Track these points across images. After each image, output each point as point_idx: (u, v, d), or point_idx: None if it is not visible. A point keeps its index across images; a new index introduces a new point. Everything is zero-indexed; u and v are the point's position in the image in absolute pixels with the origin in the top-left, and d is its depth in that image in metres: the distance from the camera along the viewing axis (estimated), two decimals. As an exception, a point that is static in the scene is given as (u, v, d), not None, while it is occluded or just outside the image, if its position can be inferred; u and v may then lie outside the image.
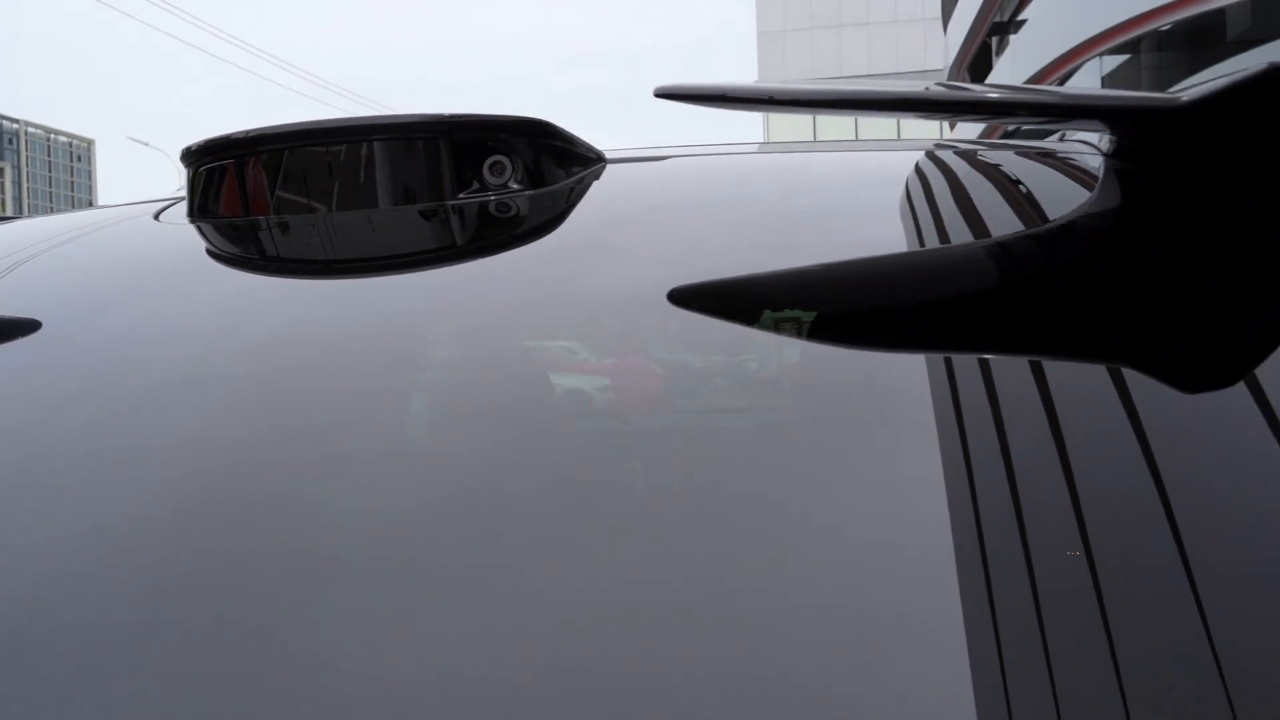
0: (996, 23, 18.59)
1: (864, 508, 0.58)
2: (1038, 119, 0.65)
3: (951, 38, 22.88)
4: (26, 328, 0.83)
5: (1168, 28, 10.03)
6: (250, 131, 0.88)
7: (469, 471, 0.67)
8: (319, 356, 0.78)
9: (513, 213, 0.86)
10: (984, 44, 20.28)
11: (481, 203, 0.85)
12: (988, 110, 0.69)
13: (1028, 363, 0.62)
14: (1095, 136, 0.87)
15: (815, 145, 1.17)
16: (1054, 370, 0.61)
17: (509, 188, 0.85)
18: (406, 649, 0.53)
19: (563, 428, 0.77)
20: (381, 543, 0.61)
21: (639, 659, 0.51)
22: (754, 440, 0.70)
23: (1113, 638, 0.46)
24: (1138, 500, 0.53)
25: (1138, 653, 0.46)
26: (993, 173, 0.94)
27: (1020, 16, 16.96)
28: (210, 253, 0.91)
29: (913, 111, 0.71)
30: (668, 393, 0.77)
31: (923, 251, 0.77)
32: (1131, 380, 0.59)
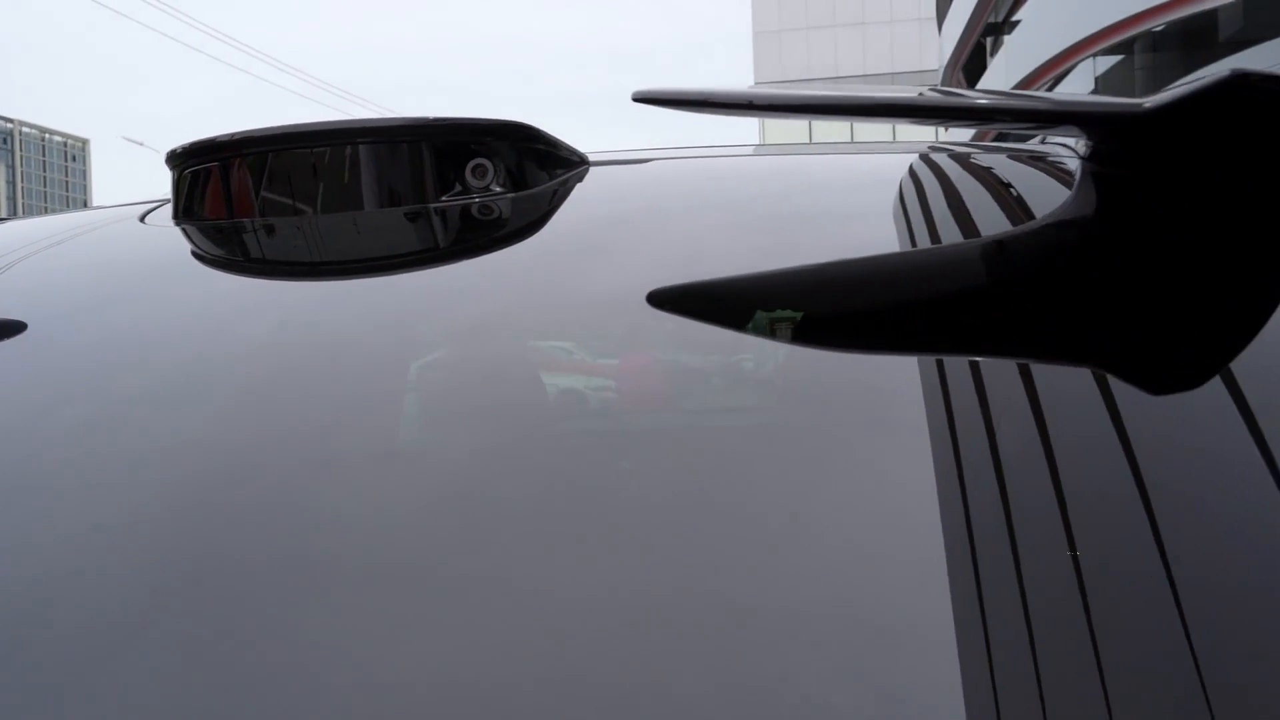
0: (991, 23, 18.60)
1: (853, 507, 0.59)
2: (1007, 124, 0.66)
3: (946, 38, 22.89)
4: (9, 330, 0.84)
5: (1161, 28, 10.05)
6: (235, 134, 0.88)
7: (451, 472, 0.67)
8: (303, 358, 0.79)
9: (495, 215, 0.87)
10: (979, 44, 20.29)
11: (464, 205, 0.85)
12: (960, 115, 0.70)
13: (1014, 364, 0.62)
14: (1073, 140, 0.88)
15: (798, 148, 1.17)
16: (1040, 372, 0.62)
17: (491, 190, 0.86)
18: (403, 650, 0.53)
19: (547, 429, 0.78)
20: (365, 545, 0.61)
21: (632, 659, 0.52)
22: (737, 441, 0.71)
23: (1108, 639, 0.47)
24: (1121, 500, 0.53)
25: (1129, 654, 0.46)
26: (982, 175, 0.95)
27: (1014, 17, 16.98)
28: (195, 255, 0.91)
29: (887, 116, 0.72)
30: (652, 394, 0.77)
31: (907, 253, 0.78)
32: (1102, 379, 0.60)
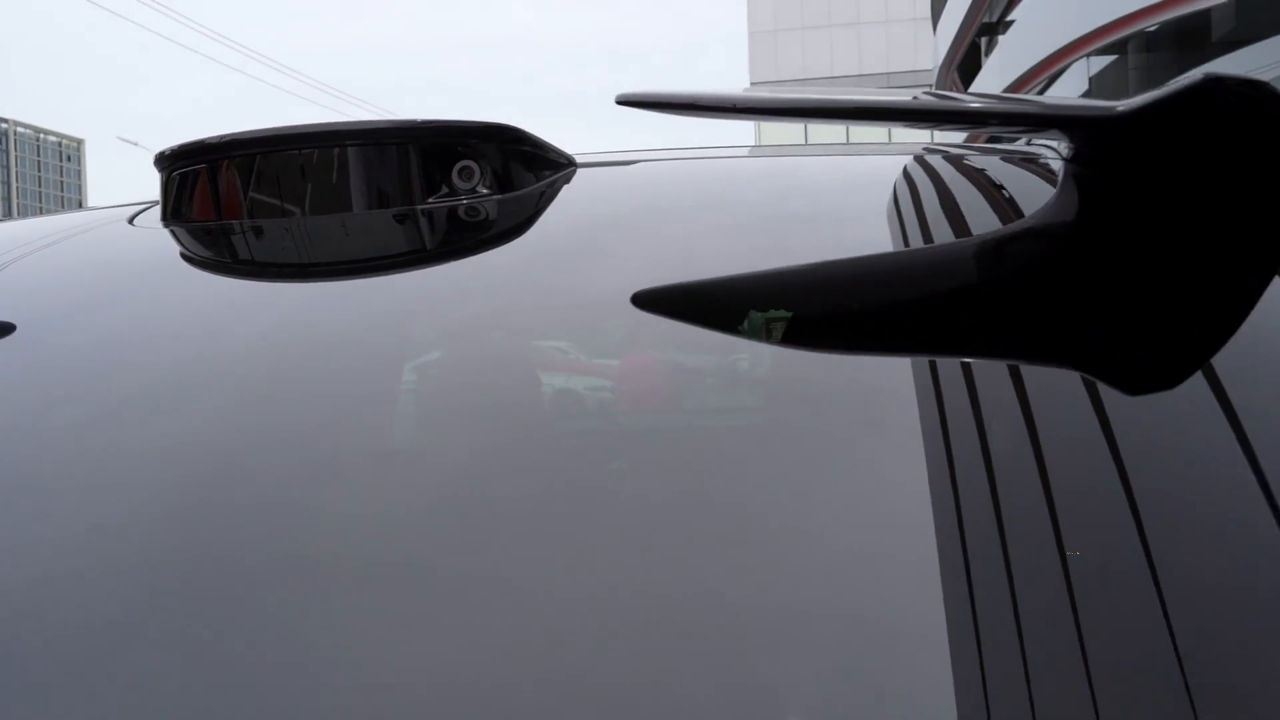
0: (985, 23, 18.61)
1: (844, 506, 0.59)
2: (983, 127, 0.66)
3: (941, 38, 22.90)
4: None
5: (1154, 28, 10.07)
6: (223, 137, 0.89)
7: (439, 473, 0.68)
8: (291, 359, 0.79)
9: (481, 217, 0.87)
10: (973, 44, 20.30)
11: (451, 207, 0.86)
12: (941, 119, 0.70)
13: (1004, 365, 0.63)
14: (1057, 141, 0.88)
15: (785, 149, 1.18)
16: (1029, 372, 0.62)
17: (478, 192, 0.86)
18: (400, 650, 0.53)
19: (535, 430, 0.78)
20: (356, 546, 0.61)
21: (626, 659, 0.52)
22: (727, 442, 0.71)
23: (1103, 638, 0.47)
24: (1104, 498, 0.54)
25: (1124, 653, 0.47)
26: (972, 176, 0.95)
27: (1009, 17, 17.00)
28: (184, 256, 0.92)
29: (870, 120, 0.72)
30: (641, 395, 0.78)
31: (894, 254, 0.78)
32: (1086, 379, 0.61)
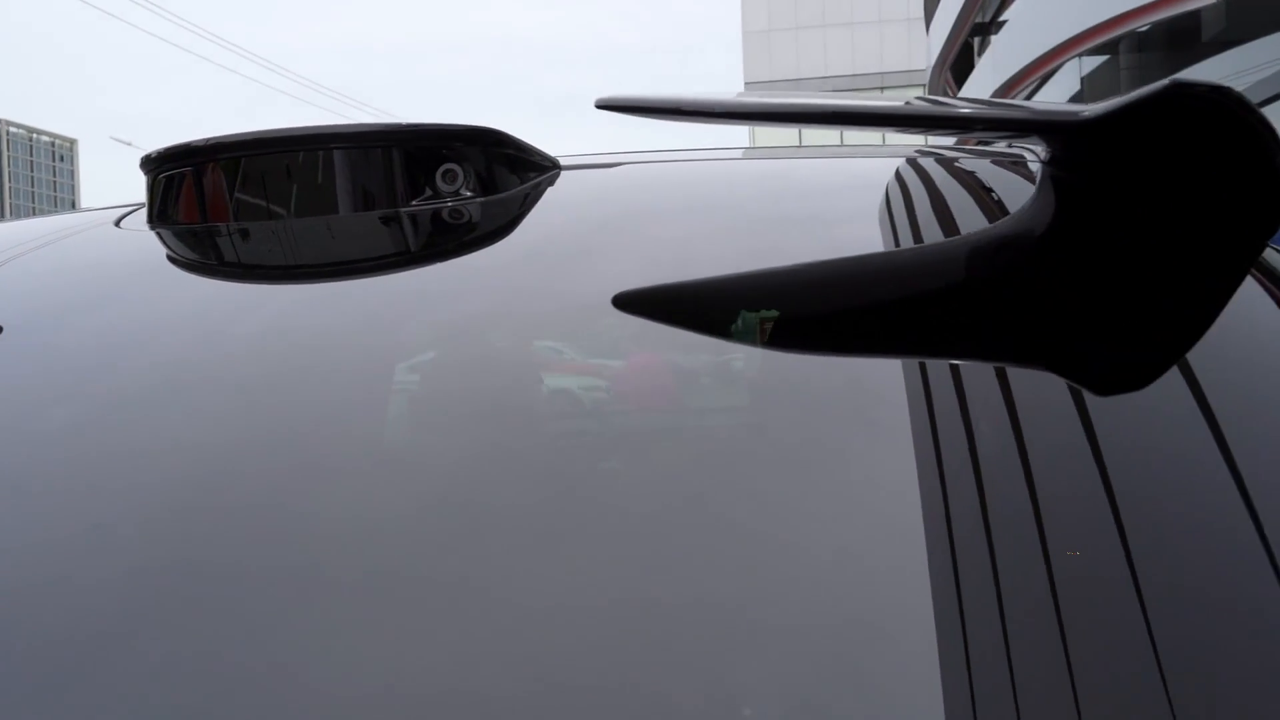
0: (978, 23, 18.61)
1: (835, 507, 0.60)
2: (958, 131, 0.67)
3: (934, 38, 22.91)
4: None
5: (1145, 29, 10.09)
6: (209, 139, 0.90)
7: (427, 474, 0.68)
8: (276, 361, 0.80)
9: (465, 219, 0.88)
10: (966, 44, 20.32)
11: (434, 210, 0.87)
12: (914, 124, 0.71)
13: (989, 366, 0.63)
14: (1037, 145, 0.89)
15: (772, 151, 1.19)
16: (1016, 374, 0.63)
17: (462, 195, 0.87)
18: (398, 650, 0.54)
19: (523, 431, 0.79)
20: (348, 548, 0.62)
21: (616, 659, 0.53)
22: (718, 442, 0.72)
23: (1098, 637, 0.47)
24: (1091, 499, 0.54)
25: (1118, 651, 0.47)
26: (962, 178, 0.96)
27: (1001, 17, 17.01)
28: (170, 258, 0.93)
29: (852, 125, 0.72)
30: (631, 395, 0.79)
31: (878, 255, 0.79)
32: (1066, 381, 0.62)
